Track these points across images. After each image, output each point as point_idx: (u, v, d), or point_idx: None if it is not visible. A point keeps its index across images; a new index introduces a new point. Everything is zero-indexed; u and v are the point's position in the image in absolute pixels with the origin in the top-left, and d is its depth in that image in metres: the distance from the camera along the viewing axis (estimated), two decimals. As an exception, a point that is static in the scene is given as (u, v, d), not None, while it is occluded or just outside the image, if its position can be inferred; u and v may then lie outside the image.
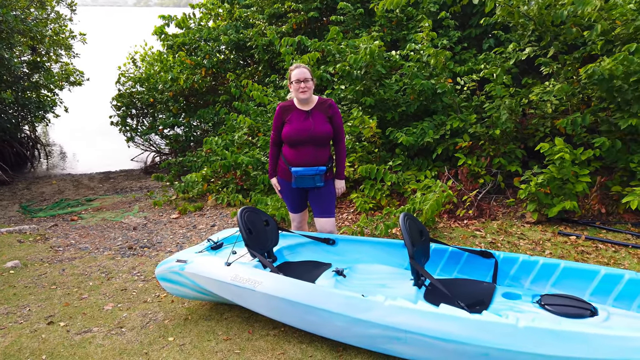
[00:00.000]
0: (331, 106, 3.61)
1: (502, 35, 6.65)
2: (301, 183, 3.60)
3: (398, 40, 7.87)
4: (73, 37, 12.53)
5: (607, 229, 4.51)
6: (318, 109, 3.58)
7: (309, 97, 3.55)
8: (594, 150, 4.86)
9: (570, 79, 5.59)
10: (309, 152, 3.55)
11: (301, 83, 3.49)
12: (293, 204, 3.83)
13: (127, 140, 11.82)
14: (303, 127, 3.51)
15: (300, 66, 3.55)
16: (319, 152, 3.57)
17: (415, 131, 5.93)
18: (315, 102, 3.60)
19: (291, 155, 3.60)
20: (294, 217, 3.91)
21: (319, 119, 3.55)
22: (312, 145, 3.54)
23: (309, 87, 3.50)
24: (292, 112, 3.58)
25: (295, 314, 2.75)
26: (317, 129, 3.51)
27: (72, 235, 6.06)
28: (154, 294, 3.92)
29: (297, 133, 3.52)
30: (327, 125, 3.56)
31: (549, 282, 2.90)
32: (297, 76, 3.51)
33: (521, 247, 4.23)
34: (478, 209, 5.09)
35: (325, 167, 3.58)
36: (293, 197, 3.78)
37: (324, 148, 3.60)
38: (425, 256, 3.01)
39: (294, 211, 3.87)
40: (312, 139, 3.52)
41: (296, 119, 3.55)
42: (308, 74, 3.52)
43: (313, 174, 3.55)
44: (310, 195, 3.74)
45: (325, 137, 3.56)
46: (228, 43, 9.68)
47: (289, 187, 3.73)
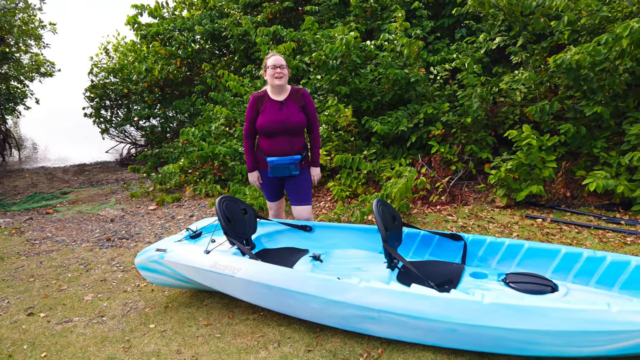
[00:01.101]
0: (304, 95, 3.68)
1: (474, 25, 6.81)
2: (277, 172, 3.68)
3: (373, 30, 7.96)
4: (43, 27, 12.25)
5: (571, 211, 4.72)
6: (291, 99, 3.65)
7: (284, 85, 3.62)
8: (559, 137, 5.06)
9: (538, 68, 5.79)
10: (283, 142, 3.62)
11: (277, 68, 3.55)
12: (270, 193, 3.91)
13: (102, 132, 11.68)
14: (277, 117, 3.58)
15: (275, 54, 3.63)
16: (294, 141, 3.65)
17: (390, 120, 6.05)
18: (288, 92, 3.67)
19: (266, 145, 3.67)
20: (271, 205, 3.99)
21: (293, 108, 3.62)
22: (286, 134, 3.61)
23: (284, 73, 3.57)
24: (266, 102, 3.64)
25: (274, 298, 2.84)
26: (291, 118, 3.59)
27: (48, 229, 6.02)
28: (134, 284, 3.96)
29: (271, 123, 3.58)
30: (300, 114, 3.64)
31: (514, 262, 3.06)
32: (273, 62, 3.57)
33: (490, 230, 4.41)
34: (450, 195, 5.26)
35: (300, 156, 3.67)
36: (269, 186, 3.86)
37: (298, 137, 3.68)
38: (398, 240, 3.14)
39: (271, 199, 3.95)
40: (287, 129, 3.60)
41: (270, 109, 3.61)
42: (283, 61, 3.60)
43: (288, 163, 3.63)
44: (286, 184, 3.82)
45: (299, 126, 3.64)
46: (203, 33, 9.62)
47: (265, 176, 3.80)
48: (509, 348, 2.34)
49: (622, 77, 4.96)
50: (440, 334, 2.43)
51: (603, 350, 2.19)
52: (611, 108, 5.05)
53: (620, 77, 4.96)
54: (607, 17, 5.33)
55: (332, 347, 2.71)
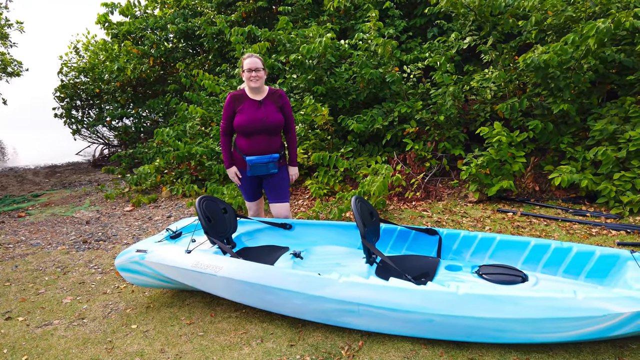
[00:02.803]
0: (281, 96, 3.74)
1: (445, 24, 6.97)
2: (256, 171, 3.73)
3: (347, 29, 8.05)
4: (9, 25, 11.92)
5: (540, 205, 4.91)
6: (269, 99, 3.70)
7: (260, 86, 3.66)
8: (528, 133, 5.25)
9: (507, 67, 5.98)
10: (262, 141, 3.67)
11: (252, 72, 3.60)
12: (248, 193, 3.95)
13: (73, 132, 11.46)
14: (256, 116, 3.63)
15: (252, 55, 3.65)
16: (272, 141, 3.71)
17: (366, 118, 6.16)
18: (266, 92, 3.72)
19: (244, 144, 3.71)
20: (250, 205, 4.03)
21: (271, 108, 3.68)
22: (264, 134, 3.67)
23: (259, 76, 3.62)
24: (244, 101, 3.68)
25: (256, 295, 2.90)
26: (270, 118, 3.64)
27: (22, 232, 5.91)
28: (113, 285, 3.95)
29: (250, 122, 3.63)
30: (278, 114, 3.69)
31: (487, 254, 3.20)
32: (249, 65, 3.61)
33: (464, 224, 4.55)
34: (425, 191, 5.39)
35: (278, 155, 3.73)
36: (248, 185, 3.90)
37: (276, 136, 3.74)
38: (376, 236, 3.23)
39: (250, 199, 3.99)
40: (265, 128, 3.65)
41: (248, 109, 3.65)
42: (260, 63, 3.63)
43: (267, 162, 3.69)
44: (264, 183, 3.87)
45: (277, 126, 3.69)
46: (176, 32, 9.54)
47: (244, 175, 3.84)
48: (483, 336, 2.46)
49: (587, 75, 5.17)
50: (418, 324, 2.54)
51: (570, 335, 2.33)
52: (577, 105, 5.26)
53: (585, 75, 5.17)
54: (571, 17, 5.55)
55: (314, 341, 2.78)
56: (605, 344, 2.54)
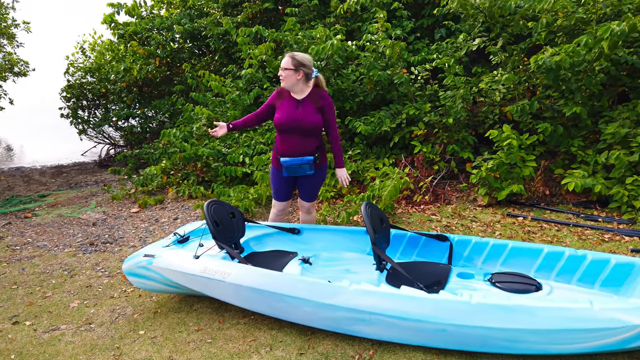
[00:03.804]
0: (323, 97, 3.66)
1: (453, 25, 6.91)
2: (291, 172, 3.72)
3: (353, 30, 8.00)
4: (16, 25, 11.94)
5: (550, 209, 4.85)
6: (310, 99, 3.64)
7: (292, 85, 3.61)
8: (538, 136, 5.19)
9: (517, 69, 5.91)
10: (295, 142, 3.63)
11: (280, 71, 3.60)
12: (280, 192, 3.89)
13: (79, 132, 11.46)
14: (292, 115, 3.59)
15: (287, 55, 3.63)
16: (306, 142, 3.64)
17: (373, 120, 6.11)
18: (308, 92, 3.67)
19: (280, 143, 3.70)
20: (275, 204, 3.96)
21: (309, 109, 3.61)
22: (299, 134, 3.62)
23: (284, 75, 3.58)
24: (284, 98, 3.67)
25: (265, 302, 2.87)
26: (305, 119, 3.58)
27: (29, 233, 5.91)
28: (120, 289, 3.93)
29: (285, 120, 3.60)
30: (316, 115, 3.62)
31: (499, 261, 3.15)
32: (281, 64, 3.61)
33: (474, 229, 4.50)
34: (434, 194, 5.35)
35: (312, 157, 3.66)
36: (282, 185, 3.86)
37: (312, 138, 3.66)
38: (386, 242, 3.19)
39: (279, 199, 3.92)
40: (300, 129, 3.60)
41: (286, 107, 3.63)
42: (289, 63, 3.57)
43: (300, 164, 3.65)
44: (299, 182, 3.86)
45: (313, 127, 3.62)
46: (182, 32, 9.52)
47: (280, 175, 3.81)
48: (497, 347, 2.42)
49: (598, 77, 5.11)
50: (430, 334, 2.50)
51: (586, 347, 2.28)
52: (588, 107, 5.20)
53: (597, 77, 5.11)
54: (582, 19, 5.48)
55: (324, 349, 2.74)
56: (622, 356, 2.49)
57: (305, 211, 4.02)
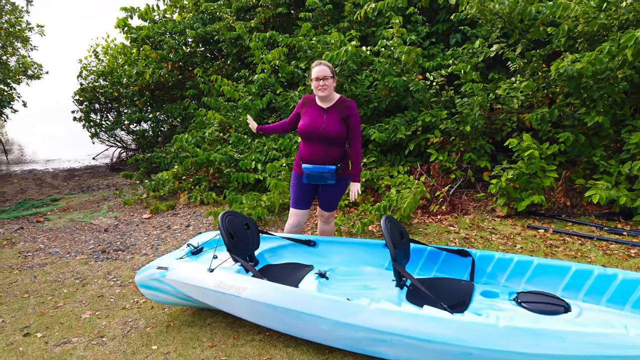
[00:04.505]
0: (349, 107, 3.56)
1: (469, 31, 6.79)
2: (312, 180, 3.63)
3: (367, 35, 7.91)
4: (30, 29, 12.01)
5: (572, 221, 4.72)
6: (335, 108, 3.56)
7: (328, 95, 3.54)
8: (559, 145, 5.06)
9: (535, 75, 5.78)
10: (319, 150, 3.56)
11: (320, 81, 3.47)
12: (299, 199, 3.78)
13: (92, 136, 11.49)
14: (316, 124, 3.53)
15: (321, 63, 3.52)
16: (330, 151, 3.56)
17: (388, 127, 6.01)
18: (334, 101, 3.58)
19: (303, 150, 3.64)
20: (293, 213, 3.82)
21: (333, 118, 3.53)
22: (322, 143, 3.54)
23: (327, 84, 3.48)
24: (310, 106, 3.61)
25: (281, 319, 2.78)
26: (329, 127, 3.50)
27: (41, 239, 5.88)
28: (132, 300, 3.87)
29: (309, 128, 3.54)
30: (340, 125, 3.53)
31: (524, 279, 3.04)
32: (317, 74, 3.48)
33: (493, 241, 4.38)
34: (450, 204, 5.23)
35: (334, 167, 3.58)
36: (302, 192, 3.76)
37: (336, 147, 3.58)
38: (406, 257, 3.09)
39: (298, 207, 3.79)
40: (323, 137, 3.52)
41: (311, 114, 3.57)
42: (328, 71, 3.49)
43: (321, 172, 3.57)
44: (320, 190, 3.77)
45: (337, 136, 3.53)
46: (195, 37, 9.50)
47: (300, 181, 3.73)
48: (525, 372, 2.31)
49: (621, 85, 4.97)
50: (455, 357, 2.39)
51: (621, 375, 2.17)
52: (610, 116, 5.06)
53: (619, 85, 4.97)
54: (604, 25, 5.35)
55: (343, 370, 2.65)
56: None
57: (324, 220, 3.94)
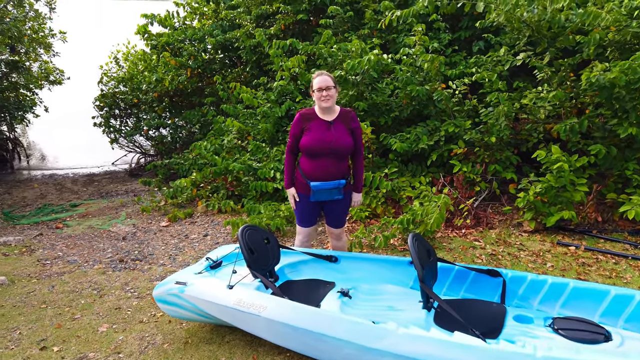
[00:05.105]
0: (353, 118, 3.47)
1: (493, 38, 6.63)
2: (320, 196, 3.50)
3: (387, 42, 7.80)
4: (53, 35, 12.16)
5: (604, 238, 4.52)
6: (340, 120, 3.44)
7: (332, 106, 3.43)
8: (589, 157, 4.86)
9: (563, 85, 5.60)
10: (329, 165, 3.42)
11: (323, 91, 3.35)
12: (305, 218, 3.67)
13: (111, 141, 11.56)
14: (325, 138, 3.38)
15: (322, 73, 3.42)
16: (339, 165, 3.45)
17: (409, 137, 5.88)
18: (337, 112, 3.47)
19: (310, 167, 3.46)
20: (301, 231, 3.74)
21: (341, 130, 3.41)
22: (332, 157, 3.41)
23: (331, 95, 3.36)
24: (312, 120, 3.44)
25: (303, 340, 2.67)
26: (339, 141, 3.38)
27: (59, 246, 5.88)
28: (149, 313, 3.80)
29: (318, 144, 3.38)
30: (348, 137, 3.43)
31: (558, 303, 2.88)
32: (319, 84, 3.36)
33: (522, 258, 4.21)
34: (475, 217, 5.07)
35: (344, 180, 3.48)
36: (308, 210, 3.63)
37: (344, 161, 3.48)
38: (433, 277, 2.96)
39: (304, 225, 3.70)
40: (334, 151, 3.39)
41: (317, 129, 3.41)
42: (330, 81, 3.38)
43: (331, 188, 3.45)
44: (326, 207, 3.64)
45: (347, 149, 3.43)
46: (214, 44, 9.50)
47: (305, 200, 3.59)
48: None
49: (655, 96, 4.77)
50: (488, 388, 2.25)
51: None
52: (643, 128, 4.86)
53: (653, 96, 4.77)
54: (636, 33, 5.15)
55: (367, 397, 2.52)
56: None
57: (335, 238, 3.80)
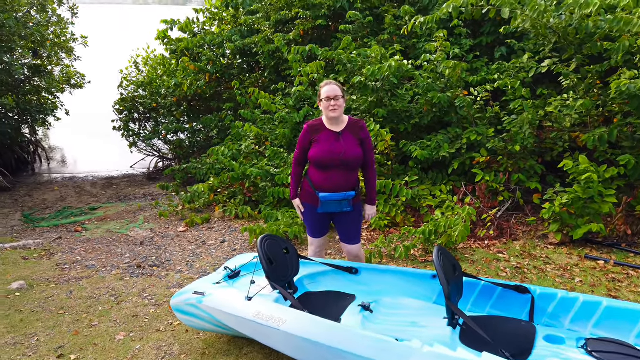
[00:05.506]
0: (362, 128, 3.41)
1: (516, 44, 6.49)
2: (328, 208, 3.42)
3: (407, 47, 7.71)
4: (74, 40, 12.33)
5: (634, 252, 4.36)
6: (349, 131, 3.37)
7: (340, 116, 3.36)
8: (617, 168, 4.70)
9: (590, 93, 5.44)
10: (338, 176, 3.35)
11: (331, 101, 3.28)
12: (315, 229, 3.63)
13: (130, 145, 11.65)
14: (334, 149, 3.31)
15: (330, 83, 3.35)
16: (349, 177, 3.38)
17: (430, 144, 5.77)
18: (346, 123, 3.40)
19: (319, 178, 3.39)
20: (313, 241, 3.71)
21: (350, 141, 3.34)
22: (342, 169, 3.34)
23: (339, 105, 3.30)
24: (321, 132, 3.37)
25: (323, 356, 2.59)
26: (349, 152, 3.31)
27: (78, 250, 5.90)
28: (166, 322, 3.76)
29: (327, 155, 3.31)
30: (358, 148, 3.36)
31: (590, 323, 2.75)
32: (327, 93, 3.30)
33: (549, 273, 4.07)
34: (498, 228, 4.94)
35: (354, 192, 3.40)
36: (316, 221, 3.57)
37: (354, 172, 3.41)
38: (459, 293, 2.86)
39: (315, 236, 3.66)
40: (344, 163, 3.32)
41: (325, 141, 3.34)
42: (339, 91, 3.32)
43: (341, 199, 3.37)
44: (335, 220, 3.56)
45: (357, 160, 3.36)
46: (233, 49, 9.52)
47: (313, 211, 3.53)
48: None
49: (688, 105, 4.60)
50: (518, 414, 2.15)
51: None
52: (675, 138, 4.69)
53: (686, 105, 4.60)
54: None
55: (390, 417, 2.43)
56: None
57: (352, 258, 3.66)
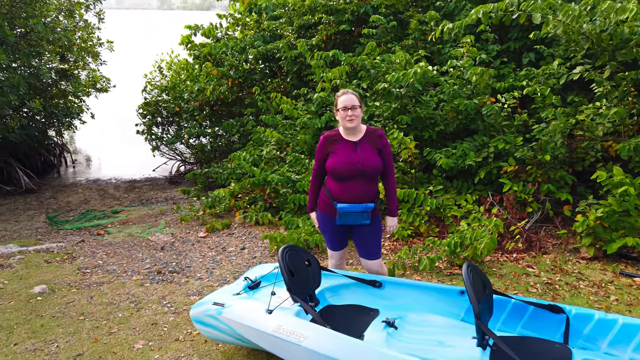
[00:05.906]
0: (381, 137, 3.31)
1: (545, 50, 6.30)
2: (346, 220, 3.32)
3: (432, 53, 7.57)
4: (100, 44, 12.53)
5: (673, 269, 4.15)
6: (367, 140, 3.28)
7: (357, 126, 3.27)
8: (654, 180, 4.49)
9: (624, 100, 5.23)
10: (356, 187, 3.25)
11: (348, 111, 3.20)
12: (333, 241, 3.53)
13: (153, 149, 11.75)
14: (351, 159, 3.21)
15: (347, 92, 3.27)
16: (369, 188, 3.27)
17: (455, 152, 5.62)
18: (363, 132, 3.31)
19: (337, 189, 3.30)
20: (332, 254, 3.61)
21: (368, 151, 3.25)
22: (360, 179, 3.24)
23: (356, 115, 3.21)
24: (338, 142, 3.29)
25: (346, 374, 2.50)
26: (367, 162, 3.21)
27: (100, 254, 5.92)
28: (185, 331, 3.71)
29: (344, 165, 3.22)
30: (376, 157, 3.26)
31: (630, 347, 2.59)
32: (344, 103, 3.22)
33: (582, 290, 3.89)
34: (527, 241, 4.76)
35: (373, 204, 3.29)
36: (335, 234, 3.48)
37: (373, 183, 3.31)
38: (489, 312, 2.72)
39: (334, 249, 3.57)
40: (361, 173, 3.22)
41: (343, 151, 3.25)
42: (356, 100, 3.23)
43: (360, 211, 3.27)
44: (354, 232, 3.46)
45: (375, 171, 3.26)
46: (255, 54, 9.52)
47: (332, 223, 3.44)
48: None
49: None
50: None
51: None
52: None
53: None
54: None
55: None
56: None
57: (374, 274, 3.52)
